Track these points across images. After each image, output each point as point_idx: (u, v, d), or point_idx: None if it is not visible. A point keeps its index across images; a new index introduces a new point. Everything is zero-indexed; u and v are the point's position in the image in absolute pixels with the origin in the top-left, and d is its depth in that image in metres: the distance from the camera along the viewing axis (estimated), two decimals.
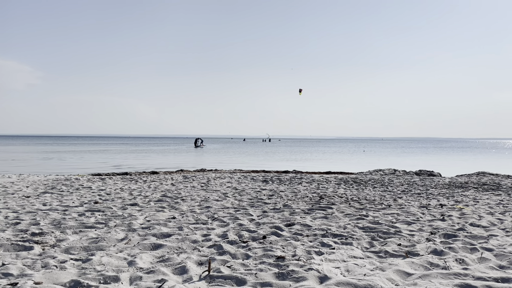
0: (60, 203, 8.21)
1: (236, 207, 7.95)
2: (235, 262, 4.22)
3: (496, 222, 6.58)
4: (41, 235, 5.35)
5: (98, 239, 5.13)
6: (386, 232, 5.72)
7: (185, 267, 4.00)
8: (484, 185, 12.68)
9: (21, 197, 9.02)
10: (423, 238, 5.42)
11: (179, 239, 5.24)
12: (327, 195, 9.96)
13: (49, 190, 10.27)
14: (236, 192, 10.38)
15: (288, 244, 5.01)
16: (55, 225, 5.98)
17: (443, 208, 8.10)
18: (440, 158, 39.65)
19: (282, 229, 5.90)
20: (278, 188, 11.51)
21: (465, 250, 4.83)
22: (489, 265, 4.15)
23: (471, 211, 7.65)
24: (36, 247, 4.74)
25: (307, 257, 4.44)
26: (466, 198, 9.78)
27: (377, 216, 7.07)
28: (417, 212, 7.46)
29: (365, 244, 5.10)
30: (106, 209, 7.53)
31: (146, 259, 4.34)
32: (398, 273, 3.89)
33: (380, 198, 9.57)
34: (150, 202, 8.49)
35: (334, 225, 6.20)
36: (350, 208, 7.89)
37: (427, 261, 4.29)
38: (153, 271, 3.88)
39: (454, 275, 3.82)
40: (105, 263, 4.14)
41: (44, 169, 21.37)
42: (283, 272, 3.85)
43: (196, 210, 7.58)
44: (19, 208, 7.50)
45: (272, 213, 7.32)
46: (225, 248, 4.77)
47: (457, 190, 11.58)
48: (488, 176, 16.48)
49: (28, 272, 3.79)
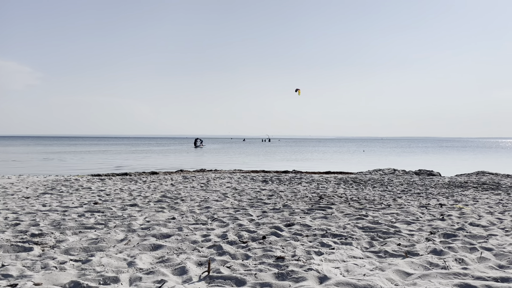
0: (60, 204, 8.21)
1: (235, 208, 7.95)
2: (235, 263, 4.22)
3: (495, 221, 6.59)
4: (41, 236, 5.35)
5: (98, 240, 5.13)
6: (386, 232, 5.72)
7: (185, 267, 4.00)
8: (484, 185, 12.69)
9: (20, 198, 9.01)
10: (423, 238, 5.42)
11: (179, 239, 5.24)
12: (327, 195, 9.96)
13: (48, 191, 10.26)
14: (236, 193, 10.38)
15: (287, 244, 5.02)
16: (54, 226, 5.98)
17: (443, 207, 8.11)
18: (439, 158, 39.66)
19: (281, 229, 5.90)
20: (277, 188, 11.51)
21: (465, 249, 4.84)
22: (489, 265, 4.15)
23: (471, 211, 7.65)
24: (36, 248, 4.74)
25: (307, 257, 4.44)
26: (466, 197, 9.79)
27: (376, 216, 7.08)
28: (416, 212, 7.47)
29: (364, 244, 5.10)
30: (106, 209, 7.53)
31: (145, 259, 4.34)
32: (397, 273, 3.89)
33: (380, 198, 9.57)
34: (149, 203, 8.49)
35: (334, 225, 6.20)
36: (349, 208, 7.89)
37: (427, 261, 4.29)
38: (152, 272, 3.88)
39: (453, 274, 3.83)
40: (104, 264, 4.14)
41: (44, 170, 21.36)
42: (282, 272, 3.86)
43: (195, 210, 7.58)
44: (19, 209, 7.50)
45: (271, 213, 7.33)
46: (224, 248, 4.77)
47: (456, 189, 11.59)
48: (488, 175, 16.49)
49: (27, 273, 3.79)
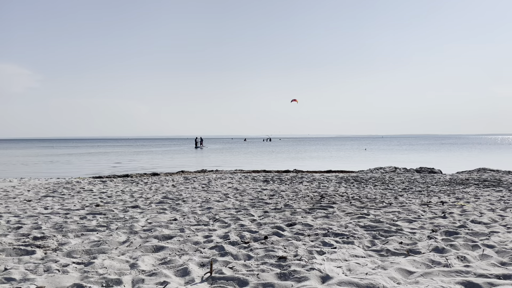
0: (62, 206, 8.23)
1: (237, 208, 7.95)
2: (237, 263, 4.23)
3: (497, 218, 6.59)
4: (43, 239, 5.36)
5: (100, 242, 5.14)
6: (388, 231, 5.73)
7: (187, 269, 4.01)
8: (485, 182, 12.68)
9: (22, 201, 9.03)
10: (425, 236, 5.42)
11: (181, 240, 5.25)
12: (328, 194, 9.96)
13: (50, 194, 10.28)
14: (237, 193, 10.39)
15: (289, 244, 5.02)
16: (56, 229, 5.99)
17: (444, 205, 8.11)
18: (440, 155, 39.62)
19: (283, 229, 5.91)
20: (279, 188, 11.51)
21: (467, 247, 4.84)
22: (491, 262, 4.15)
23: (472, 208, 7.65)
24: (38, 251, 4.75)
25: (309, 257, 4.44)
26: (467, 194, 9.78)
27: (378, 214, 7.08)
28: (418, 210, 7.47)
29: (366, 243, 5.10)
30: (108, 211, 7.54)
31: (148, 261, 4.35)
32: (399, 272, 3.90)
33: (381, 196, 9.57)
34: (151, 204, 8.50)
35: (336, 224, 6.21)
36: (351, 207, 7.89)
37: (429, 259, 4.29)
38: (155, 274, 3.89)
39: (455, 272, 3.83)
40: (107, 266, 4.15)
41: (45, 173, 21.39)
42: (285, 272, 3.86)
43: (197, 211, 7.59)
44: (21, 212, 7.51)
45: (273, 213, 7.33)
46: (226, 249, 4.77)
47: (458, 187, 11.58)
48: (489, 172, 16.48)
49: (30, 277, 3.80)
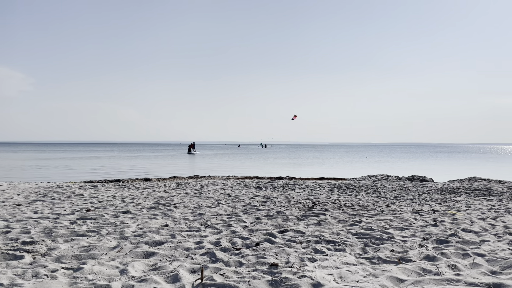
0: (52, 211, 8.14)
1: (229, 214, 7.92)
2: (228, 270, 4.20)
3: (487, 227, 6.63)
4: (32, 243, 5.29)
5: (90, 248, 5.08)
6: (379, 238, 5.73)
7: (178, 275, 3.97)
8: (476, 190, 12.78)
9: (11, 205, 8.91)
10: (416, 244, 5.44)
11: (172, 246, 5.21)
12: (320, 201, 9.97)
13: (40, 198, 10.16)
14: (229, 199, 10.36)
15: (281, 251, 5.00)
16: (46, 234, 5.91)
17: (436, 213, 8.15)
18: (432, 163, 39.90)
19: (275, 236, 5.89)
20: (271, 195, 11.50)
21: (458, 255, 4.86)
22: (481, 271, 4.17)
23: (463, 217, 7.69)
24: (27, 256, 4.68)
25: (300, 264, 4.43)
26: (458, 203, 9.84)
27: (370, 222, 7.09)
28: (409, 218, 7.49)
29: (358, 251, 5.10)
30: (98, 216, 7.47)
31: (138, 267, 4.30)
32: (391, 280, 3.90)
33: (373, 204, 9.60)
34: (142, 210, 8.44)
35: (327, 232, 6.20)
36: (343, 214, 7.90)
37: (420, 267, 4.30)
38: (145, 280, 3.85)
39: (446, 280, 3.84)
40: (96, 272, 4.10)
41: (36, 177, 21.17)
42: (276, 279, 3.84)
43: (189, 217, 7.54)
44: (10, 216, 7.41)
45: (265, 219, 7.31)
46: (218, 255, 4.75)
47: (449, 195, 11.65)
48: (480, 181, 16.61)
49: (18, 282, 3.74)
